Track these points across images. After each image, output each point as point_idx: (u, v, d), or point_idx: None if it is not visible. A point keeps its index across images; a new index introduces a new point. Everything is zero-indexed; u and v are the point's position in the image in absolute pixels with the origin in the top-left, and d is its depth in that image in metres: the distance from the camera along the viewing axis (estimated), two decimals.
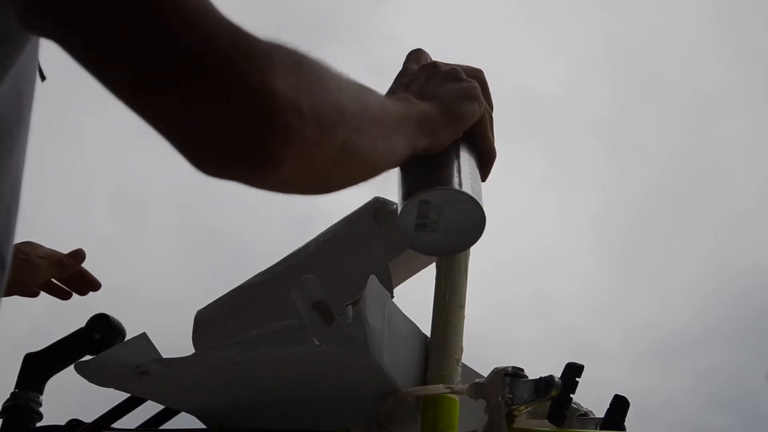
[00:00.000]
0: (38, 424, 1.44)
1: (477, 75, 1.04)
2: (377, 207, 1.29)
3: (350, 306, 1.11)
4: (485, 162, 1.03)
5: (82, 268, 1.58)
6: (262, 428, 1.25)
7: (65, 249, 1.55)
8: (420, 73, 1.01)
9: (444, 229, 0.96)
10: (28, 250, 1.53)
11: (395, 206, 1.29)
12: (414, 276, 1.34)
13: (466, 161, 0.99)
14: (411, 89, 0.98)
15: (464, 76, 1.01)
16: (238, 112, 0.68)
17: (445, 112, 0.96)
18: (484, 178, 1.03)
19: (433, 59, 1.06)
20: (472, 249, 1.24)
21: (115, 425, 1.37)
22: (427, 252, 1.01)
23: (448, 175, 0.96)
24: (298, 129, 0.71)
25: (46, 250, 1.56)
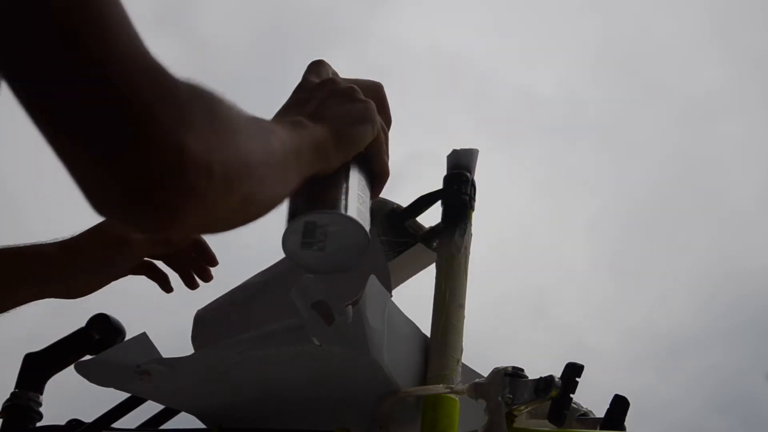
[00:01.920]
0: (38, 424, 1.44)
1: (375, 91, 1.04)
2: (375, 206, 1.28)
3: (350, 306, 1.11)
4: (377, 181, 1.04)
5: (200, 238, 1.33)
6: (262, 428, 1.25)
7: None
8: (317, 91, 1.00)
9: (331, 249, 0.97)
10: None
11: (395, 206, 1.30)
12: (414, 276, 1.34)
13: (356, 181, 0.99)
14: (306, 109, 0.97)
15: (360, 96, 1.00)
16: (145, 166, 0.66)
17: (337, 137, 0.96)
18: (375, 195, 1.04)
19: (333, 73, 1.05)
20: (472, 250, 1.25)
21: (115, 425, 1.37)
22: (313, 270, 1.01)
23: (334, 198, 0.97)
24: (205, 189, 0.69)
25: None
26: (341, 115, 0.98)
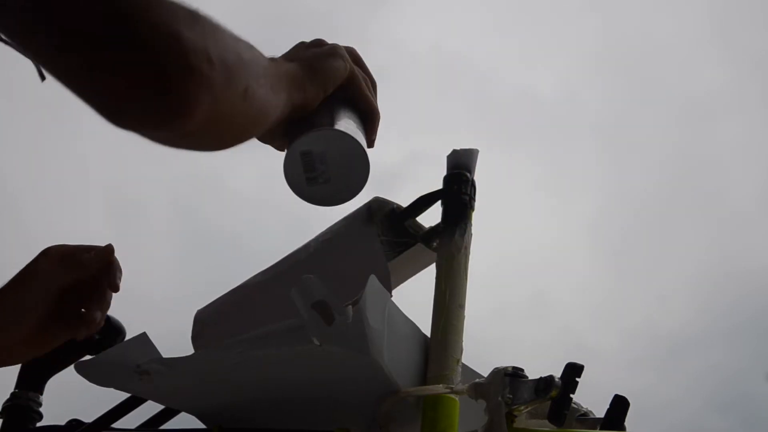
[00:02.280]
0: (38, 424, 1.44)
1: (348, 50, 1.10)
2: (375, 206, 1.29)
3: (350, 306, 1.11)
4: (368, 120, 1.09)
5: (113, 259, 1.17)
6: (261, 428, 1.25)
7: None
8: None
9: (336, 177, 0.99)
10: (39, 259, 1.15)
11: (394, 205, 1.30)
12: (414, 276, 1.35)
13: (343, 113, 1.04)
14: (278, 59, 1.03)
15: (326, 42, 1.08)
16: (152, 60, 0.71)
17: (309, 69, 1.03)
18: (370, 138, 1.07)
19: None
20: (472, 250, 1.25)
21: (115, 425, 1.37)
22: (326, 203, 1.04)
23: (319, 121, 1.01)
24: (209, 74, 0.74)
25: (66, 249, 1.16)
26: (311, 54, 1.05)
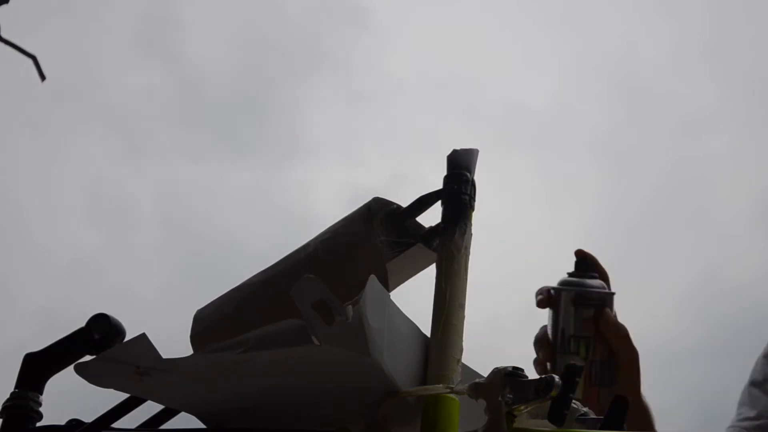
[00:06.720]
0: (38, 424, 1.44)
1: None
2: (375, 206, 1.30)
3: (350, 306, 1.11)
4: None
5: None
6: (261, 428, 1.25)
7: (53, 262, 1.51)
8: None
9: None
10: None
11: (395, 206, 1.30)
12: (413, 276, 1.35)
13: None
14: None
15: None
16: None
17: None
18: None
19: None
20: (472, 251, 1.25)
21: (115, 425, 1.36)
22: None
23: None
24: None
25: None
26: None
